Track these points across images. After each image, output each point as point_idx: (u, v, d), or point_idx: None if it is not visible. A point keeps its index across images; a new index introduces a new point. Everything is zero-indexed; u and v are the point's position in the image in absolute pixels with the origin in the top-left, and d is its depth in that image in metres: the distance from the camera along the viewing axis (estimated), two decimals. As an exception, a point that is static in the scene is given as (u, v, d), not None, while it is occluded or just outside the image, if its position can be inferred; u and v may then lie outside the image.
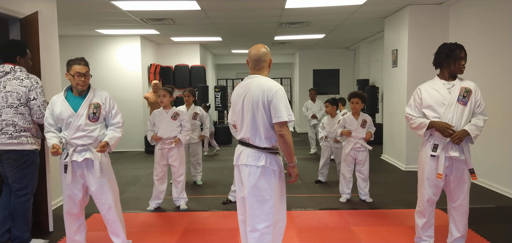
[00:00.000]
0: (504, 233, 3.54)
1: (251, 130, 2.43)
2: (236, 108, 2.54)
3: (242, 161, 2.48)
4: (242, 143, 2.53)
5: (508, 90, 4.61)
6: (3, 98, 3.09)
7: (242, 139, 2.51)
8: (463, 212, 2.97)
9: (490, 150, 4.87)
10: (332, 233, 3.60)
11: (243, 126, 2.48)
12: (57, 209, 4.41)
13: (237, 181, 2.60)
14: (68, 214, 2.99)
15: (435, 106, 2.88)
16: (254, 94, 2.41)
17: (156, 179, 4.27)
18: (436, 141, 2.89)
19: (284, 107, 2.36)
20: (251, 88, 2.44)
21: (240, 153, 2.52)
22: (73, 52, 8.36)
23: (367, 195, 4.53)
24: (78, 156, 2.85)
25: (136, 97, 8.56)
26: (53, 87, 4.54)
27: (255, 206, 2.43)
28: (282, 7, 5.97)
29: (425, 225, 3.04)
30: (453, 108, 2.84)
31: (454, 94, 2.86)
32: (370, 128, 4.43)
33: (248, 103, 2.44)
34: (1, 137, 3.08)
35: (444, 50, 2.93)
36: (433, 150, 2.88)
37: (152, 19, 6.72)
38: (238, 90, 2.55)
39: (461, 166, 2.88)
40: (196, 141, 5.35)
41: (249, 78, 2.53)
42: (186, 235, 3.60)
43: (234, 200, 4.55)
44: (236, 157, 2.57)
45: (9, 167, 3.13)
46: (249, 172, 2.44)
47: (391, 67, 6.83)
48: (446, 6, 5.94)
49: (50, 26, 4.57)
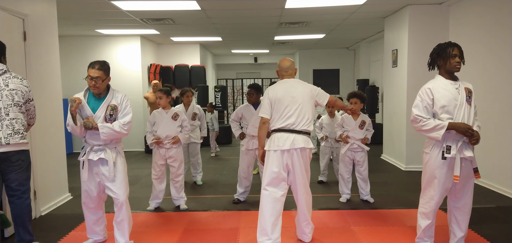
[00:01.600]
0: (504, 233, 3.55)
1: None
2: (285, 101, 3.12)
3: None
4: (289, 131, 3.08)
5: (508, 89, 4.61)
6: (9, 96, 2.97)
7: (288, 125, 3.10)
8: (467, 210, 2.98)
9: (489, 150, 4.87)
10: (332, 233, 3.60)
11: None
12: (56, 209, 4.41)
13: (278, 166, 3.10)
14: (85, 205, 3.20)
15: (449, 106, 2.80)
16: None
17: (155, 179, 4.27)
18: (448, 142, 2.81)
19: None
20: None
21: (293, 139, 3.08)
22: (74, 52, 8.44)
23: (369, 195, 4.52)
24: (94, 155, 3.01)
25: (136, 97, 8.55)
26: (53, 87, 4.55)
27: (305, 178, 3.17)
28: (282, 7, 5.97)
29: (428, 226, 3.01)
30: (463, 108, 2.80)
31: (463, 94, 2.82)
32: (368, 130, 4.41)
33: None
34: (14, 137, 2.95)
35: (436, 50, 2.92)
36: (447, 152, 2.80)
37: (152, 19, 6.73)
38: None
39: (468, 166, 2.87)
40: (195, 141, 5.35)
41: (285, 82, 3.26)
42: (186, 235, 3.60)
43: (243, 200, 4.57)
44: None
45: (18, 169, 3.00)
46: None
47: (391, 67, 6.83)
48: (446, 6, 5.94)
49: (50, 26, 4.57)
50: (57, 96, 4.64)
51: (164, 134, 4.18)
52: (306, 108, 3.10)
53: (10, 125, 2.95)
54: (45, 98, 4.36)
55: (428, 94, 2.85)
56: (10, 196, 3.05)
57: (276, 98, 3.12)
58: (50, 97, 4.46)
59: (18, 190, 3.04)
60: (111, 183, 3.06)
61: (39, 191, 4.17)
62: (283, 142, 3.05)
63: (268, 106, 3.15)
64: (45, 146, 4.30)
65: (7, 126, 2.94)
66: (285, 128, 3.07)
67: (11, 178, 3.00)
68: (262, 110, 3.18)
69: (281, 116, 3.09)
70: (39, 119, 4.18)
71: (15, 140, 2.95)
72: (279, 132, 3.09)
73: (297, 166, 3.08)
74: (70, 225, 3.84)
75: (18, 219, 3.07)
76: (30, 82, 4.02)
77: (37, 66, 4.21)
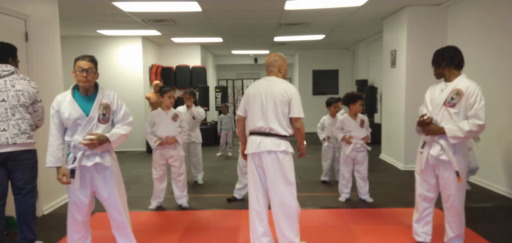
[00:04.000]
0: (502, 232, 3.58)
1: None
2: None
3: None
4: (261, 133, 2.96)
5: (507, 90, 4.65)
6: (14, 97, 3.02)
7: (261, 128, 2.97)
8: (454, 213, 2.96)
9: (489, 150, 4.90)
10: (331, 232, 3.64)
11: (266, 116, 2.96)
12: (59, 208, 4.45)
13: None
14: (73, 219, 2.79)
15: (429, 105, 2.98)
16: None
17: (156, 179, 4.31)
18: (425, 138, 2.98)
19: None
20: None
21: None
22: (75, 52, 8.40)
23: (367, 194, 4.56)
24: (87, 161, 2.66)
25: (137, 97, 8.60)
26: (55, 88, 4.58)
27: (282, 184, 2.92)
28: (282, 9, 6.02)
29: (418, 219, 3.15)
30: (439, 109, 2.88)
31: (443, 96, 2.87)
32: (368, 129, 4.46)
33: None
34: (21, 137, 3.01)
35: (453, 55, 2.92)
36: (422, 147, 3.01)
37: (153, 20, 6.77)
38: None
39: (448, 167, 2.87)
40: (196, 141, 5.39)
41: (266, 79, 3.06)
42: (187, 234, 3.64)
43: (240, 198, 4.61)
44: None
45: (24, 168, 3.05)
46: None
47: (390, 68, 6.87)
48: (445, 7, 5.98)
49: (52, 27, 4.61)
50: (59, 97, 4.68)
51: (165, 135, 4.22)
52: (278, 109, 2.91)
53: (16, 125, 3.00)
54: (47, 98, 4.37)
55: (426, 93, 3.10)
56: (15, 194, 3.09)
57: (249, 96, 3.05)
58: (52, 98, 4.39)
59: (24, 188, 3.08)
60: (109, 194, 2.76)
61: (42, 190, 4.20)
62: (251, 145, 2.98)
63: (243, 103, 3.11)
64: (47, 146, 4.32)
65: (14, 126, 2.98)
66: (255, 130, 2.97)
67: (17, 177, 3.05)
68: (239, 107, 3.17)
69: (252, 117, 3.00)
70: (41, 119, 4.23)
71: (22, 140, 3.00)
72: (251, 135, 3.02)
73: (266, 170, 2.93)
74: (72, 223, 3.87)
75: (22, 218, 3.10)
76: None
77: (39, 66, 4.25)
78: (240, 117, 3.13)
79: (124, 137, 2.79)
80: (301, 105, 2.96)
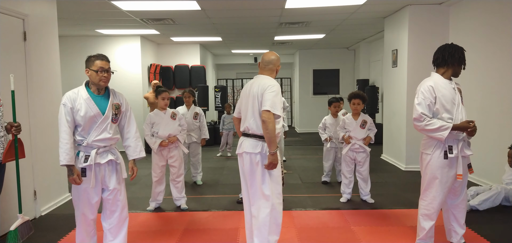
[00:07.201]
0: (503, 233, 3.55)
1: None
2: None
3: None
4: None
5: (507, 89, 4.61)
6: None
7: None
8: (464, 206, 3.06)
9: (489, 150, 4.87)
10: (332, 233, 3.61)
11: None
12: (56, 209, 4.41)
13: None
14: (84, 218, 2.78)
15: (448, 106, 2.82)
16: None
17: (155, 180, 4.27)
18: (450, 142, 2.84)
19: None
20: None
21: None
22: (74, 52, 8.44)
23: (368, 195, 4.52)
24: (100, 158, 2.70)
25: (136, 97, 8.56)
26: (53, 87, 4.55)
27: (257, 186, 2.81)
28: (282, 7, 5.97)
29: (431, 227, 3.00)
30: (460, 108, 2.86)
31: (458, 94, 2.89)
32: (371, 130, 4.42)
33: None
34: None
35: (453, 52, 2.87)
36: (450, 152, 2.83)
37: (152, 19, 6.73)
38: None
39: (465, 163, 2.95)
40: (196, 141, 5.35)
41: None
42: (186, 235, 3.60)
43: None
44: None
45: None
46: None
47: (391, 67, 6.83)
48: (446, 6, 5.94)
49: (50, 26, 4.57)
50: (57, 96, 4.63)
51: (166, 134, 4.18)
52: (254, 107, 2.81)
53: None
54: (45, 98, 4.36)
55: (431, 92, 2.82)
56: None
57: (241, 97, 3.04)
58: (50, 97, 4.46)
59: None
60: (116, 190, 2.82)
61: (39, 191, 4.17)
62: (237, 146, 2.98)
63: (237, 104, 3.11)
64: (45, 146, 4.31)
65: None
66: (243, 131, 2.94)
67: None
68: (235, 108, 3.16)
69: (242, 118, 2.98)
70: (39, 119, 4.20)
71: None
72: (242, 135, 2.97)
73: (246, 172, 2.88)
74: (70, 225, 3.83)
75: None
76: (30, 82, 4.06)
77: (37, 66, 4.22)
78: (235, 118, 3.12)
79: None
80: (277, 101, 2.74)
